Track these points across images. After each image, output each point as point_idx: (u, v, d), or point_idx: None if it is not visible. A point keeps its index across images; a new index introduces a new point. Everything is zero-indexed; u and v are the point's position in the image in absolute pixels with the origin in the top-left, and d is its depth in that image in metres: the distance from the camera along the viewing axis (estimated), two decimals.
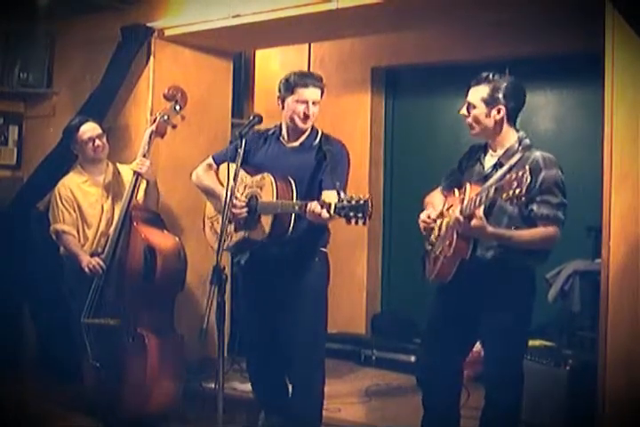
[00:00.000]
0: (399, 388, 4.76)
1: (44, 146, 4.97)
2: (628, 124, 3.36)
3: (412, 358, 4.99)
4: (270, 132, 3.71)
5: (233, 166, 3.26)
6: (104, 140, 4.21)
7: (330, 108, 5.78)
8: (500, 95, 3.06)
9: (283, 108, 3.59)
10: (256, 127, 3.52)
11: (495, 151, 3.14)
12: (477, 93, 3.09)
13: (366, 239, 5.82)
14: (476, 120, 3.10)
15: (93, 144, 4.16)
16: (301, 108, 3.54)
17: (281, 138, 3.67)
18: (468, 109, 3.12)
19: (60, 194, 4.17)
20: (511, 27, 4.85)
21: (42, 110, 5.29)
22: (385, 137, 5.95)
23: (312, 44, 5.79)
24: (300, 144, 3.63)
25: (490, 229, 2.92)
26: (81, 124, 4.18)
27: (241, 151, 3.29)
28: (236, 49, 5.37)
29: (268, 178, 3.46)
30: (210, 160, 3.81)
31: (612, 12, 3.35)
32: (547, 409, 3.80)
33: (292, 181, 3.45)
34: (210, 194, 3.75)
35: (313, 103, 3.55)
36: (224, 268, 3.03)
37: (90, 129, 4.17)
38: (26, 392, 4.46)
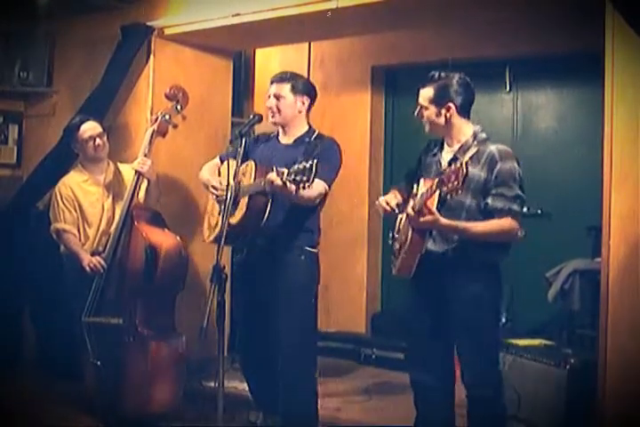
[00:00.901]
0: (399, 387, 4.75)
1: (44, 145, 4.97)
2: (628, 124, 3.36)
3: None
4: (273, 134, 3.77)
5: (232, 165, 3.29)
6: (104, 138, 4.21)
7: (330, 107, 5.81)
8: (447, 93, 3.10)
9: None
10: (261, 130, 3.56)
11: (451, 146, 3.17)
12: (425, 95, 3.15)
13: (366, 238, 5.83)
14: (429, 120, 3.16)
15: (94, 143, 4.16)
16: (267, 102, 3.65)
17: (278, 137, 3.73)
18: (420, 111, 3.18)
19: (60, 193, 4.17)
20: (511, 26, 4.86)
21: (42, 109, 5.29)
22: (385, 136, 5.95)
23: (312, 44, 5.79)
24: (294, 141, 3.67)
25: (443, 220, 2.93)
26: (81, 122, 4.18)
27: (241, 150, 3.31)
28: (236, 48, 5.37)
29: (250, 164, 3.53)
30: (216, 160, 3.86)
31: (612, 12, 3.36)
32: (546, 408, 3.80)
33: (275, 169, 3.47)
34: (205, 183, 3.79)
35: (276, 97, 3.61)
36: (224, 267, 3.03)
37: (90, 128, 4.17)
38: (26, 392, 4.46)
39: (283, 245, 3.57)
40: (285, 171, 3.10)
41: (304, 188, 3.07)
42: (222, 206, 3.27)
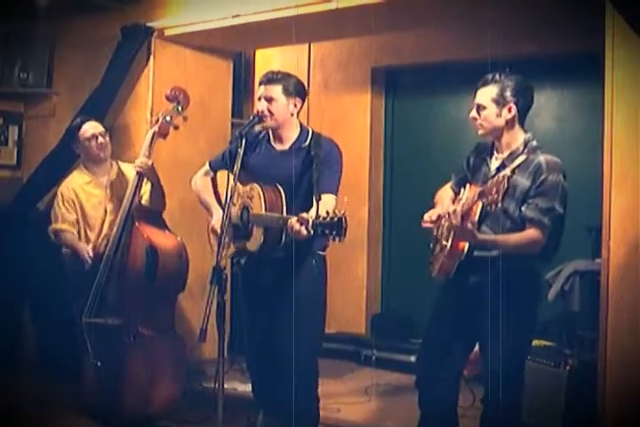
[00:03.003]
0: (399, 388, 4.76)
1: (44, 146, 4.97)
2: (627, 124, 3.35)
3: (412, 358, 4.99)
4: (261, 135, 3.63)
5: (233, 169, 3.25)
6: (107, 138, 4.21)
7: (330, 108, 5.81)
8: (510, 94, 3.05)
9: None
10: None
11: (501, 153, 3.13)
12: (487, 94, 3.07)
13: (366, 239, 5.82)
14: (487, 121, 3.08)
15: (96, 141, 4.16)
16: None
17: (271, 141, 3.60)
18: (477, 111, 3.10)
19: (62, 195, 4.17)
20: (511, 26, 4.85)
21: (42, 110, 5.30)
22: (385, 137, 5.95)
23: (312, 44, 5.79)
24: (290, 147, 3.55)
25: (480, 236, 2.93)
26: (82, 123, 4.18)
27: (241, 151, 3.27)
28: (235, 49, 5.37)
29: (257, 189, 3.41)
30: (206, 167, 3.77)
31: (612, 12, 3.35)
32: (547, 409, 3.79)
33: (282, 190, 3.39)
34: (204, 206, 3.74)
35: (267, 100, 3.47)
36: (224, 268, 3.03)
37: (92, 127, 4.18)
38: (26, 393, 4.45)
39: (297, 252, 3.45)
40: (310, 219, 2.97)
41: (334, 240, 2.94)
42: (223, 221, 3.21)
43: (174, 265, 3.89)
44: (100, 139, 4.16)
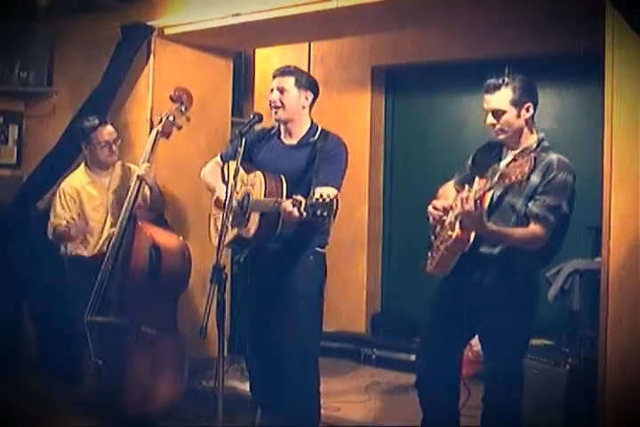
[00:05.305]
0: (399, 387, 4.76)
1: (44, 145, 4.97)
2: (627, 124, 3.36)
3: (412, 357, 4.99)
4: (273, 131, 3.71)
5: (233, 165, 3.27)
6: (118, 145, 4.20)
7: (330, 106, 5.80)
8: (524, 93, 3.05)
9: None
10: (260, 126, 3.54)
11: (512, 150, 3.14)
12: (503, 98, 3.05)
13: (366, 239, 5.83)
14: (508, 124, 3.06)
15: (110, 148, 4.15)
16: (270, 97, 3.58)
17: (281, 136, 3.67)
18: (496, 117, 3.07)
19: (64, 192, 4.16)
20: (511, 26, 4.85)
21: (42, 109, 5.29)
22: (385, 136, 5.95)
23: (312, 43, 5.79)
24: (298, 142, 3.62)
25: (488, 225, 2.93)
26: (100, 125, 4.16)
27: (240, 150, 3.29)
28: (236, 48, 5.37)
29: (259, 176, 3.46)
30: (217, 158, 3.83)
31: (612, 12, 3.35)
32: (547, 408, 3.80)
33: (284, 179, 3.43)
34: (209, 188, 3.77)
35: (280, 91, 3.54)
36: (224, 266, 3.03)
37: (108, 133, 4.16)
38: (26, 393, 4.45)
39: (294, 248, 3.52)
40: (303, 200, 3.00)
41: (324, 222, 3.00)
42: (225, 213, 3.22)
43: (177, 264, 3.89)
44: (114, 146, 4.16)
